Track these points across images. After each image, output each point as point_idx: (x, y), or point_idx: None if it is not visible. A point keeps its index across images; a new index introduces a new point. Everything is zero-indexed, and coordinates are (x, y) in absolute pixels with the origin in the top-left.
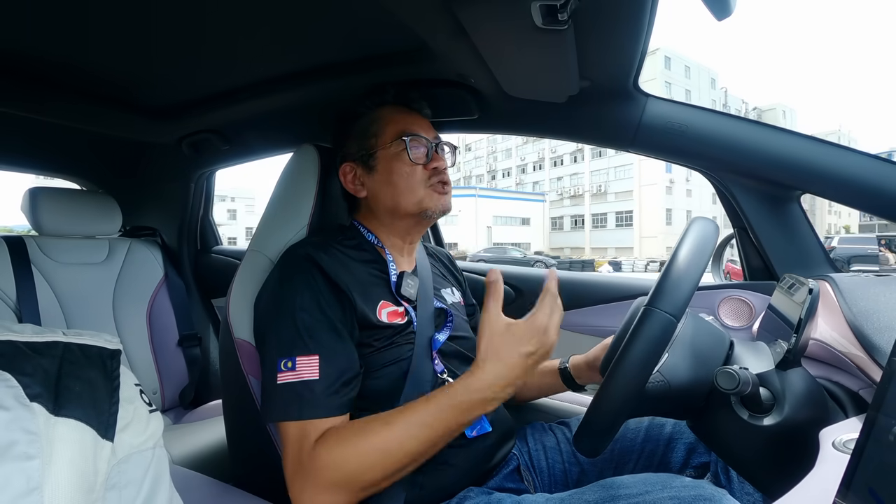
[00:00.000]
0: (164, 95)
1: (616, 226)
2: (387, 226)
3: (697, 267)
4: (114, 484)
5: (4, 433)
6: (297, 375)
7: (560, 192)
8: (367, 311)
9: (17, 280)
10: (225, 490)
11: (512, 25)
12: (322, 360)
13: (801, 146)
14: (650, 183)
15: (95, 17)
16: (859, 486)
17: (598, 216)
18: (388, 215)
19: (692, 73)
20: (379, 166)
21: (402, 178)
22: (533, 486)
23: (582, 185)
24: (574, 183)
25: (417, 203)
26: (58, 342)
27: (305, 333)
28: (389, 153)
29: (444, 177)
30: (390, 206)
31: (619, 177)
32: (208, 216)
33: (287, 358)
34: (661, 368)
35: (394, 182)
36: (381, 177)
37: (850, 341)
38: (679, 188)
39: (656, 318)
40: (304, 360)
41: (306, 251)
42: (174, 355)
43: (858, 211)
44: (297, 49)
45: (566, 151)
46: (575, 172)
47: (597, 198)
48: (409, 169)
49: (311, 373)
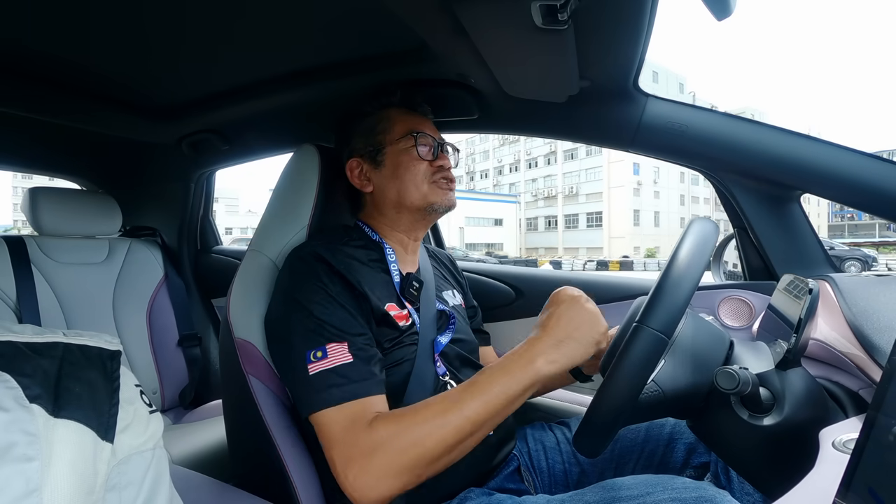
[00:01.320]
0: (164, 95)
1: (587, 226)
2: (391, 222)
3: (690, 282)
4: (114, 485)
5: (4, 435)
6: (329, 362)
7: (535, 194)
8: (380, 305)
9: (17, 280)
10: (225, 490)
11: (512, 25)
12: (351, 345)
13: (801, 146)
14: (618, 185)
15: (95, 17)
16: (859, 486)
17: (570, 217)
18: (393, 210)
19: (660, 78)
20: (387, 161)
21: (409, 172)
22: (533, 486)
23: (555, 187)
24: (548, 184)
25: (423, 197)
26: (58, 343)
27: (328, 324)
28: (398, 149)
29: (448, 174)
30: (395, 201)
31: (589, 178)
32: (208, 216)
33: (316, 348)
34: (656, 377)
35: (400, 176)
36: (388, 171)
37: (850, 341)
38: (647, 190)
39: (645, 336)
40: (334, 347)
41: (313, 249)
42: (174, 355)
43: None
44: (298, 49)
45: (540, 154)
46: (549, 174)
47: (569, 199)
48: (416, 164)
49: (344, 357)
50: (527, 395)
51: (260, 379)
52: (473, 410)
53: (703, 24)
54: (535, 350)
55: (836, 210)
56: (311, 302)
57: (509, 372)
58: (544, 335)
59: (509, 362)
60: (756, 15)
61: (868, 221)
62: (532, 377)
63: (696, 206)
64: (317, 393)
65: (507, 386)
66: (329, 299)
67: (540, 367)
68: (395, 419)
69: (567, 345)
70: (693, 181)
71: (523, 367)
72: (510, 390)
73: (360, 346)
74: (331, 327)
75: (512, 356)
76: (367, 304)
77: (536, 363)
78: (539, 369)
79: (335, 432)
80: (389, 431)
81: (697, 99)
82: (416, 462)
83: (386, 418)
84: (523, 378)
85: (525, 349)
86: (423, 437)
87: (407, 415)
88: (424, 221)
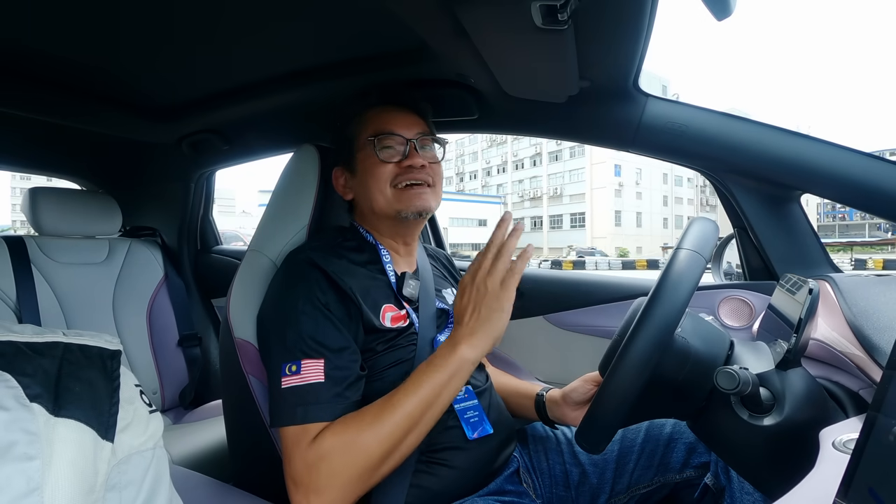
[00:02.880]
0: (164, 95)
1: (571, 227)
2: (376, 228)
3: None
4: (114, 484)
5: (4, 434)
6: (301, 379)
7: (521, 195)
8: (371, 317)
9: (17, 280)
10: (225, 490)
11: (512, 25)
12: (327, 363)
13: (801, 146)
14: (600, 186)
15: (95, 17)
16: (859, 486)
17: (554, 217)
18: (372, 216)
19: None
20: (358, 167)
21: (373, 177)
22: (532, 488)
23: (540, 188)
24: (533, 186)
25: (388, 204)
26: (58, 343)
27: (309, 338)
28: (364, 154)
29: (416, 175)
30: (369, 207)
31: (573, 180)
32: (208, 216)
33: (291, 362)
34: (681, 331)
35: (366, 183)
36: (359, 178)
37: (850, 341)
38: (629, 191)
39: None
40: (309, 364)
41: (308, 255)
42: (174, 355)
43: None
44: (298, 49)
45: (527, 155)
46: (534, 175)
47: (554, 200)
48: (378, 168)
49: (317, 376)
50: (456, 383)
51: (260, 379)
52: (408, 407)
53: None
54: (455, 339)
55: (827, 210)
56: (298, 312)
57: (434, 364)
58: (459, 326)
59: (434, 357)
60: (741, 14)
61: (859, 221)
62: (457, 363)
63: (680, 207)
64: (284, 408)
65: (435, 378)
66: (316, 311)
67: (463, 353)
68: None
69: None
70: (677, 182)
71: (446, 356)
72: (438, 381)
73: (337, 365)
74: (311, 341)
75: (437, 350)
76: (359, 312)
77: (458, 350)
78: (462, 354)
79: (286, 447)
80: (332, 441)
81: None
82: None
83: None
84: (448, 366)
85: (447, 342)
86: (365, 444)
87: (347, 421)
88: (402, 227)
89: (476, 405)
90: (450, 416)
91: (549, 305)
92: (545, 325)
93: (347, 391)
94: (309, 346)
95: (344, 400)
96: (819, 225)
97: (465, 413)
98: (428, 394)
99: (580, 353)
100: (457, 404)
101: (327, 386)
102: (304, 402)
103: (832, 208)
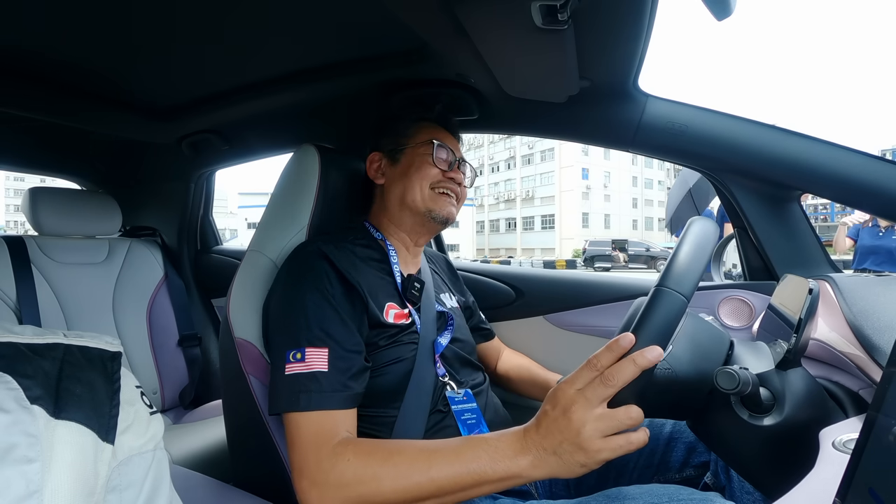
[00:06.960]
0: (164, 95)
1: (542, 228)
2: (396, 220)
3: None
4: (114, 486)
5: (5, 436)
6: (306, 366)
7: (497, 197)
8: (376, 312)
9: (17, 280)
10: (225, 490)
11: (512, 25)
12: (331, 352)
13: (801, 146)
14: (569, 189)
15: (95, 18)
16: (859, 486)
17: (527, 219)
18: (397, 206)
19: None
20: (403, 159)
21: (419, 173)
22: (534, 486)
23: (514, 190)
24: (508, 188)
25: (423, 201)
26: (58, 344)
27: (315, 326)
28: (416, 151)
29: (453, 186)
30: (400, 197)
31: (544, 182)
32: (208, 216)
33: (296, 349)
34: (667, 358)
35: (410, 175)
36: (401, 168)
37: (850, 341)
38: (597, 193)
39: (666, 295)
40: (314, 352)
41: (318, 247)
42: (174, 355)
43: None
44: (298, 49)
45: (502, 159)
46: (508, 178)
47: (526, 202)
48: (427, 167)
49: (321, 364)
50: (501, 485)
51: (260, 379)
52: (441, 477)
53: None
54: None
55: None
56: (306, 300)
57: (494, 458)
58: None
59: (500, 446)
60: (741, 14)
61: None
62: (514, 473)
63: (651, 209)
64: (287, 395)
65: (485, 469)
66: (323, 300)
67: (524, 468)
68: (362, 457)
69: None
70: (647, 185)
71: (510, 458)
72: (486, 475)
73: (341, 355)
74: (318, 330)
75: (505, 440)
76: (364, 306)
77: (521, 462)
78: (522, 470)
79: (298, 438)
80: (355, 471)
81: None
82: (367, 501)
83: (355, 452)
84: (504, 471)
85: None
86: (385, 486)
87: (376, 454)
88: (425, 228)
89: (474, 408)
90: (447, 416)
91: (549, 305)
92: (545, 325)
93: (351, 381)
94: (314, 335)
95: (347, 390)
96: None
97: (462, 415)
98: (468, 479)
99: (580, 353)
100: (454, 406)
101: (331, 375)
102: (307, 389)
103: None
